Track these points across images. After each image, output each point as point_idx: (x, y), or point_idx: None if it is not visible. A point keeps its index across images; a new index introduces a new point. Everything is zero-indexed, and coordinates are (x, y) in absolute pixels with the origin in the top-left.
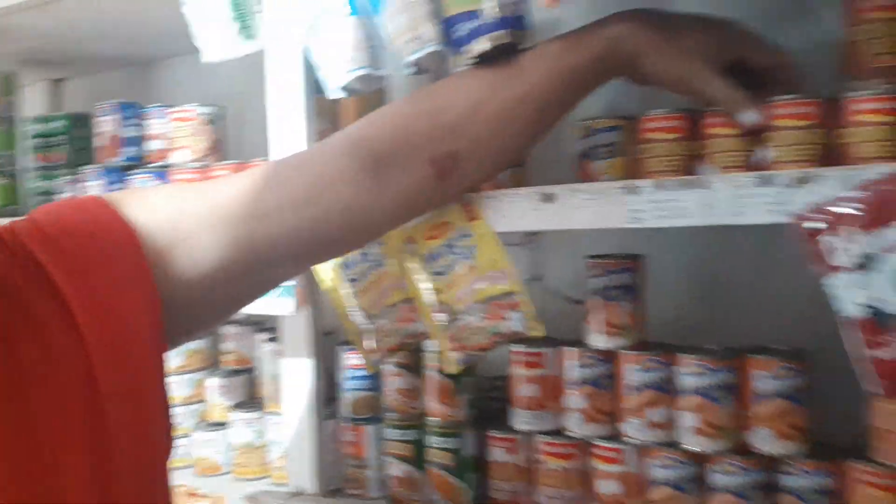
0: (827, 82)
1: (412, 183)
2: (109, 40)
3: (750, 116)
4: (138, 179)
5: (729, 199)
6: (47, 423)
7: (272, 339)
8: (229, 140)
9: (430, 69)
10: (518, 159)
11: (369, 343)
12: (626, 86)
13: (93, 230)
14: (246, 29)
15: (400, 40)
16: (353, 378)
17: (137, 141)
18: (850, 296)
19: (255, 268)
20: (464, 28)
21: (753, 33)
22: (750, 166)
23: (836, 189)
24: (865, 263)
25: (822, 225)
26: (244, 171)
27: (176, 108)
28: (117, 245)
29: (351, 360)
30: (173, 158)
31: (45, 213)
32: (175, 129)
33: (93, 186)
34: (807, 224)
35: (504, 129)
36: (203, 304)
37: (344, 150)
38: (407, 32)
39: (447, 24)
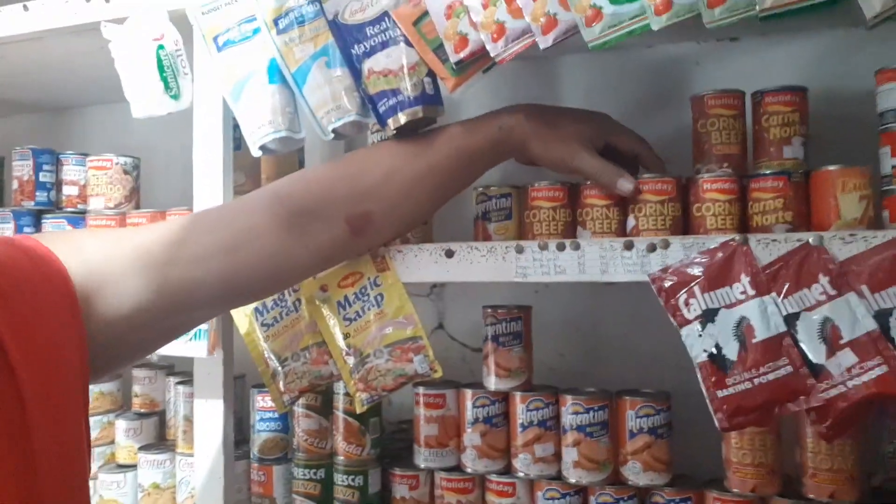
0: (686, 166)
1: (329, 238)
2: (27, 88)
3: (624, 184)
4: (52, 224)
5: (597, 260)
6: None
7: (184, 382)
8: (144, 191)
9: (349, 135)
10: (423, 221)
11: (280, 384)
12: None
13: (28, 267)
14: (172, 90)
15: (322, 110)
16: (264, 419)
17: (52, 186)
18: (698, 343)
19: (175, 310)
20: (385, 104)
21: (619, 123)
22: (618, 232)
23: (684, 254)
24: (709, 316)
25: (672, 284)
26: (172, 219)
27: (94, 157)
28: (51, 283)
29: (262, 402)
30: (90, 205)
31: None
32: (92, 177)
33: (4, 229)
34: (660, 282)
35: (412, 194)
36: (125, 343)
37: (268, 204)
38: (329, 103)
39: (371, 101)
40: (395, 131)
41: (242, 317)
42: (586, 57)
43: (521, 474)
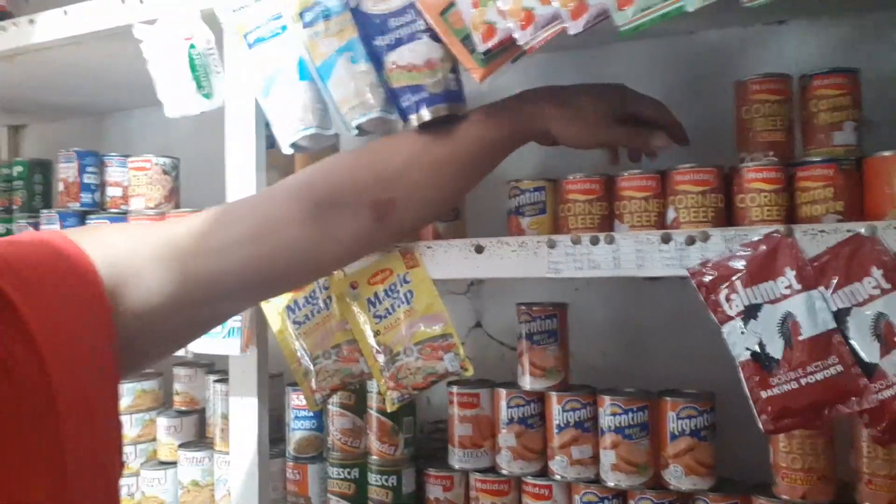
0: (730, 155)
1: (353, 226)
2: (70, 92)
3: (658, 139)
4: (96, 224)
5: (633, 254)
6: (8, 447)
7: (222, 381)
8: (183, 189)
9: (373, 131)
10: (448, 208)
11: (312, 382)
12: (552, 150)
13: (55, 262)
14: (204, 89)
15: (346, 106)
16: (299, 418)
17: (96, 187)
18: (740, 341)
19: (200, 302)
20: (409, 99)
21: (636, 92)
22: (657, 225)
23: (725, 247)
24: (751, 312)
25: (714, 278)
26: (200, 213)
27: (134, 158)
28: (78, 277)
29: (297, 401)
30: (131, 205)
31: (7, 245)
32: (133, 178)
33: (51, 229)
34: (700, 277)
35: (434, 181)
36: (153, 336)
37: (292, 194)
38: (353, 99)
39: (393, 95)
40: (419, 126)
41: (275, 314)
42: (628, 45)
43: (557, 477)
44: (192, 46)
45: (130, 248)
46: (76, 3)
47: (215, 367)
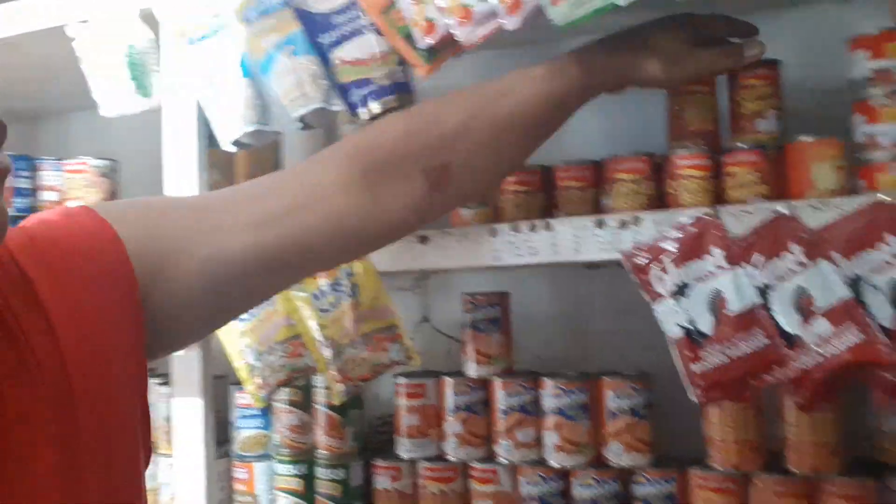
0: (661, 145)
1: (405, 194)
2: (5, 95)
3: (751, 49)
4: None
5: (570, 240)
6: (18, 427)
7: (164, 384)
8: (125, 193)
9: (316, 124)
10: (508, 174)
11: (258, 379)
12: None
13: (82, 241)
14: (142, 87)
15: (287, 98)
16: (244, 417)
17: (29, 192)
18: (672, 319)
19: (235, 282)
20: (357, 94)
21: (691, 12)
22: (593, 214)
23: (657, 230)
24: (681, 291)
25: (646, 260)
26: (241, 184)
27: (69, 161)
28: (105, 257)
29: (242, 399)
30: None
31: (37, 223)
32: (68, 181)
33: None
34: (633, 259)
35: (492, 144)
36: (188, 316)
37: (339, 161)
38: (294, 91)
39: (341, 90)
40: (368, 121)
41: None
42: (577, 41)
43: (503, 460)
44: (130, 45)
45: (163, 226)
46: (8, 2)
47: (157, 371)
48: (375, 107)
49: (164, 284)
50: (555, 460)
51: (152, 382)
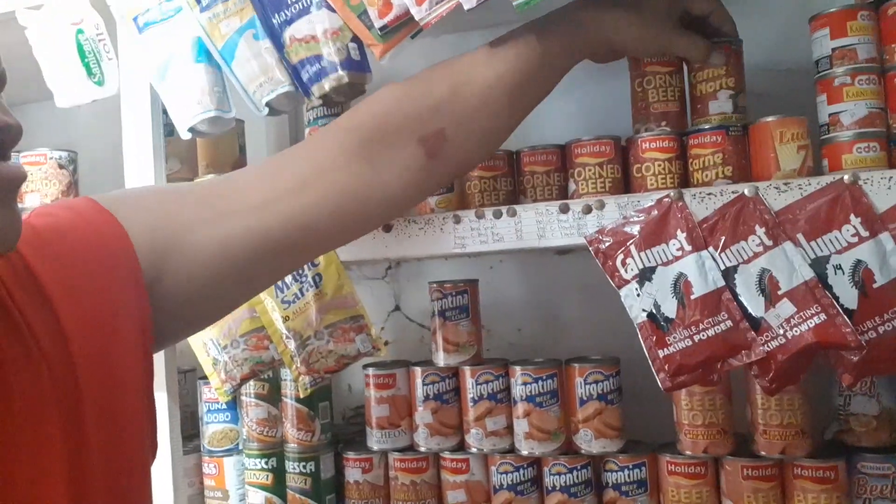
0: (627, 127)
1: (403, 164)
2: None
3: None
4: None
5: (534, 226)
6: (25, 420)
7: None
8: (85, 184)
9: (284, 110)
10: (504, 137)
11: (222, 373)
12: None
13: (86, 233)
14: (95, 76)
15: (253, 85)
16: (212, 411)
17: None
18: (637, 303)
19: (243, 265)
20: (308, 71)
21: None
22: (559, 198)
23: (620, 214)
24: (646, 275)
25: (610, 245)
26: (238, 170)
27: (27, 153)
28: (110, 248)
29: (209, 394)
30: (25, 202)
31: (39, 215)
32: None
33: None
34: (597, 244)
35: (484, 107)
36: (195, 303)
37: (336, 137)
38: (260, 76)
39: (294, 71)
40: (320, 100)
41: None
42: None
43: (473, 449)
44: (79, 31)
45: (166, 214)
46: None
47: None
48: (326, 83)
49: (169, 273)
50: (525, 448)
51: None
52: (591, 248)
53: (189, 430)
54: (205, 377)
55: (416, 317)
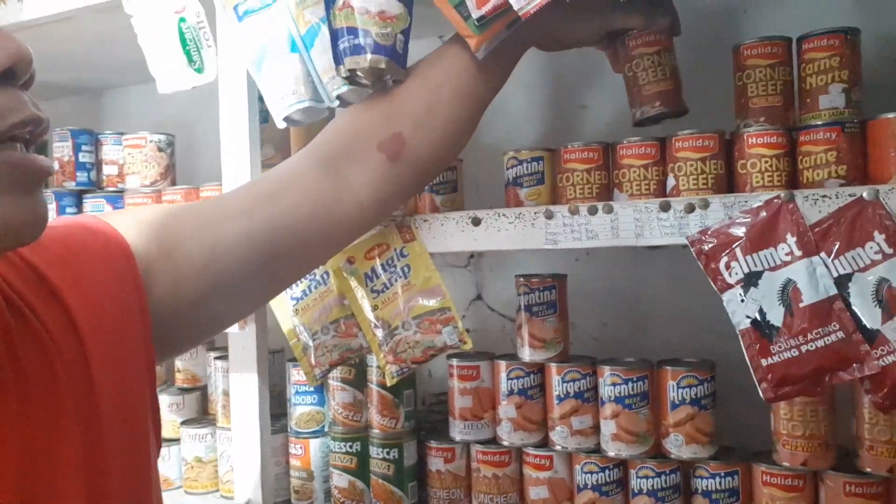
0: (730, 121)
1: (368, 172)
2: (64, 69)
3: (662, 19)
4: (91, 203)
5: (632, 224)
6: (43, 418)
7: (222, 357)
8: (179, 166)
9: (355, 101)
10: (466, 134)
11: (311, 358)
12: (551, 120)
13: (86, 239)
14: (195, 63)
15: (327, 76)
16: (299, 393)
17: (91, 166)
18: (740, 309)
19: (232, 271)
20: (349, 41)
21: None
22: (657, 193)
23: (725, 214)
24: (751, 280)
25: (712, 246)
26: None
27: (129, 136)
28: (111, 254)
29: (297, 376)
30: (127, 183)
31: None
32: (128, 156)
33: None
34: (700, 245)
35: (437, 106)
36: (188, 317)
37: (301, 157)
38: (332, 69)
39: (333, 36)
40: (347, 74)
41: None
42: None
43: (558, 447)
44: (182, 20)
45: (161, 224)
46: None
47: (216, 345)
48: (363, 60)
49: (165, 284)
50: (612, 449)
51: (211, 356)
52: (692, 249)
53: (275, 409)
54: (294, 359)
55: (498, 307)
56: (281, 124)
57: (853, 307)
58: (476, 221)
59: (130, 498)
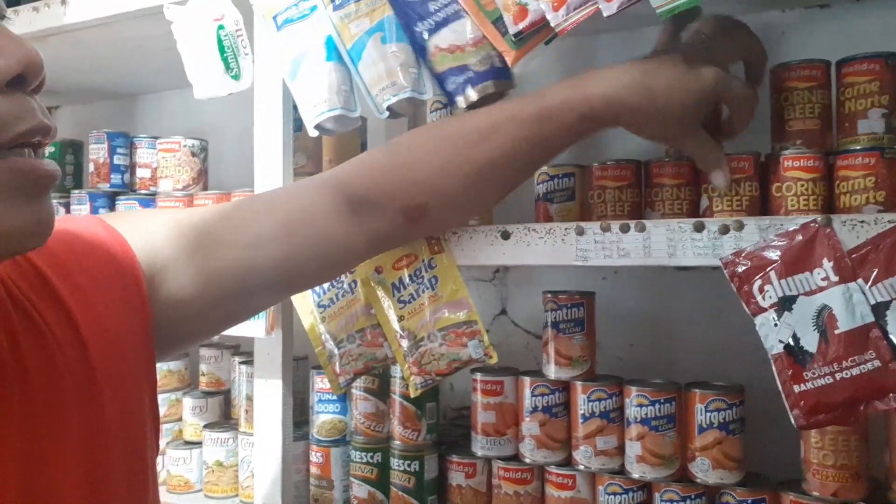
0: (766, 143)
1: (384, 226)
2: (102, 73)
3: (718, 178)
4: (125, 205)
5: (664, 243)
6: (46, 419)
7: (247, 362)
8: (211, 171)
9: (404, 114)
10: (487, 211)
11: (336, 366)
12: None
13: (92, 245)
14: (232, 70)
15: (377, 87)
16: (323, 401)
17: (125, 168)
18: (773, 333)
19: (231, 296)
20: (454, 82)
21: (734, 81)
22: (689, 213)
23: (760, 236)
24: (785, 304)
25: (746, 269)
26: (232, 202)
27: (163, 140)
28: (116, 261)
29: (321, 384)
30: (159, 187)
31: None
32: (161, 160)
33: (81, 209)
34: (733, 267)
35: (472, 189)
36: (186, 324)
37: (324, 190)
38: (384, 80)
39: (439, 80)
40: (465, 108)
41: (300, 298)
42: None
43: (581, 467)
44: (220, 27)
45: (165, 236)
46: None
47: (241, 349)
48: (472, 94)
49: (167, 292)
50: (637, 471)
51: (236, 360)
52: (726, 272)
53: (297, 416)
54: (318, 367)
55: (522, 322)
56: (313, 132)
57: (890, 336)
58: (506, 235)
59: (130, 498)
